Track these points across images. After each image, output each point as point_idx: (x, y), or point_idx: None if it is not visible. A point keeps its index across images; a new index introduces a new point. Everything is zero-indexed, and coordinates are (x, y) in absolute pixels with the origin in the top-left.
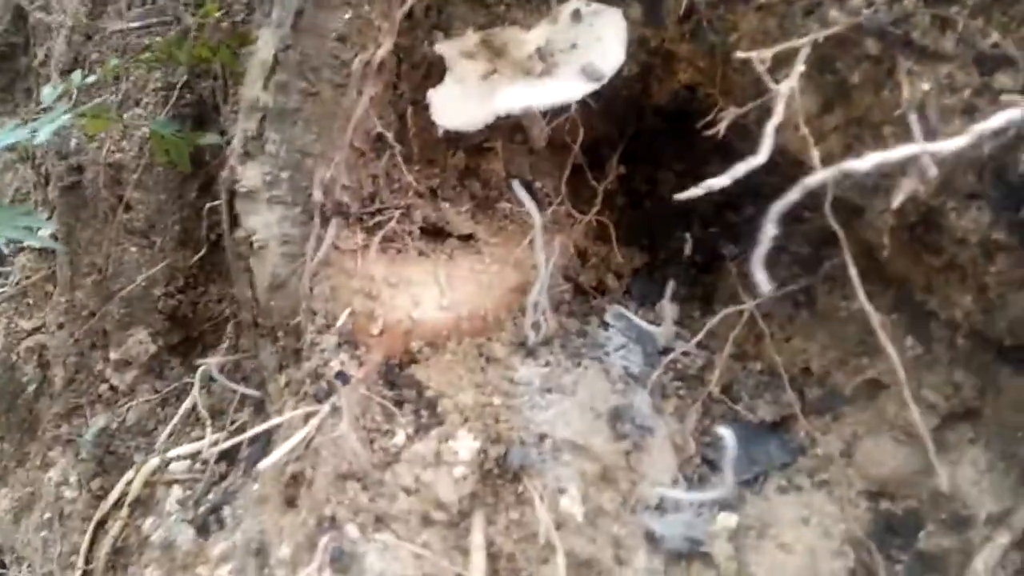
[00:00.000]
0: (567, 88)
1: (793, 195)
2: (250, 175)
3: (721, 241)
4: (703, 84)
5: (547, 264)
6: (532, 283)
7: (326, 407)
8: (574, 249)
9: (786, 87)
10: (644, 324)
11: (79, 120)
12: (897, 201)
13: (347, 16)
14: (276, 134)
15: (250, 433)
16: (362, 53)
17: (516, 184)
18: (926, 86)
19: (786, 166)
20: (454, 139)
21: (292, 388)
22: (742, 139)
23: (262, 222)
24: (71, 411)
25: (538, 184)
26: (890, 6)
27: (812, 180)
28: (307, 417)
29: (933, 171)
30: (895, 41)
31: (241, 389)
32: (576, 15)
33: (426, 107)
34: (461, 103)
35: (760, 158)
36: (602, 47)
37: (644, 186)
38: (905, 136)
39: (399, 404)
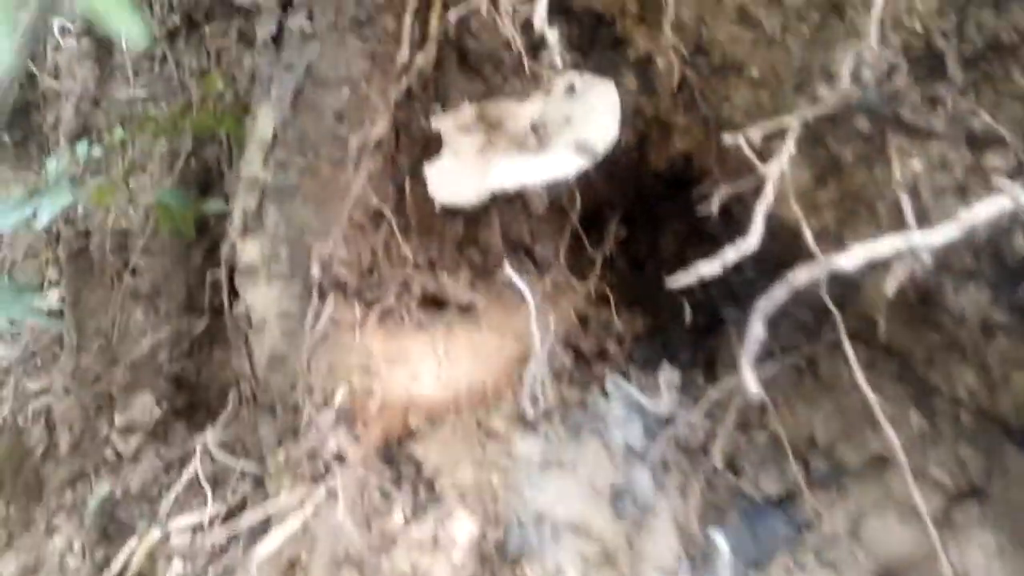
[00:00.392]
0: (560, 164)
1: (779, 293)
2: (250, 251)
3: (723, 304)
4: (698, 154)
5: (543, 343)
6: (531, 353)
7: (322, 490)
8: (574, 314)
9: (775, 169)
10: (641, 396)
11: (85, 191)
12: (891, 288)
13: (345, 94)
14: (275, 210)
15: (248, 516)
16: (359, 131)
17: (507, 267)
18: (917, 165)
19: (784, 234)
20: (452, 210)
21: (289, 467)
22: (740, 204)
23: (261, 297)
24: (76, 477)
25: (538, 248)
26: (880, 85)
27: (798, 279)
28: (303, 500)
29: (926, 258)
30: (886, 119)
31: (240, 465)
32: (571, 88)
33: (424, 179)
34: (457, 178)
35: (751, 243)
36: (595, 122)
37: (644, 249)
38: (898, 215)
39: (397, 482)
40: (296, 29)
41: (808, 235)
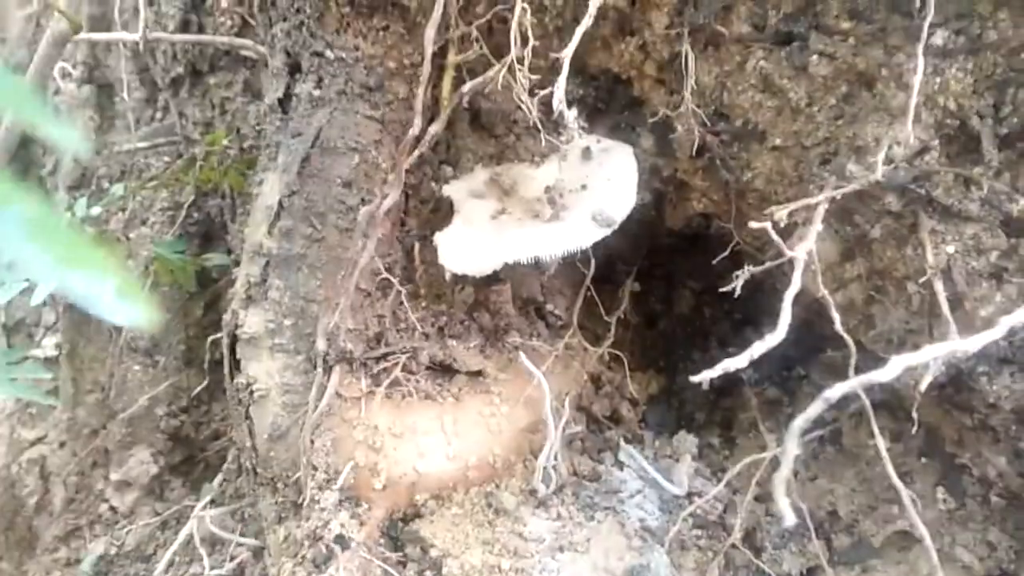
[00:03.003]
0: (577, 235)
1: (814, 409)
2: (252, 321)
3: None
4: (717, 216)
5: (558, 419)
6: (543, 422)
7: None
8: (587, 376)
9: (802, 251)
10: (658, 476)
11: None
12: (924, 385)
13: (354, 162)
14: (280, 280)
15: None
16: (368, 201)
17: (523, 357)
18: (951, 248)
19: (805, 299)
20: (462, 276)
21: (290, 549)
22: (754, 260)
23: (264, 370)
24: (70, 532)
25: (549, 307)
26: (911, 163)
27: (833, 393)
28: None
29: (962, 354)
30: (917, 199)
31: (238, 539)
32: (586, 152)
33: (433, 245)
34: (469, 247)
35: (779, 334)
36: (613, 190)
37: (659, 305)
38: (930, 295)
39: (403, 564)
40: (305, 95)
41: (836, 318)
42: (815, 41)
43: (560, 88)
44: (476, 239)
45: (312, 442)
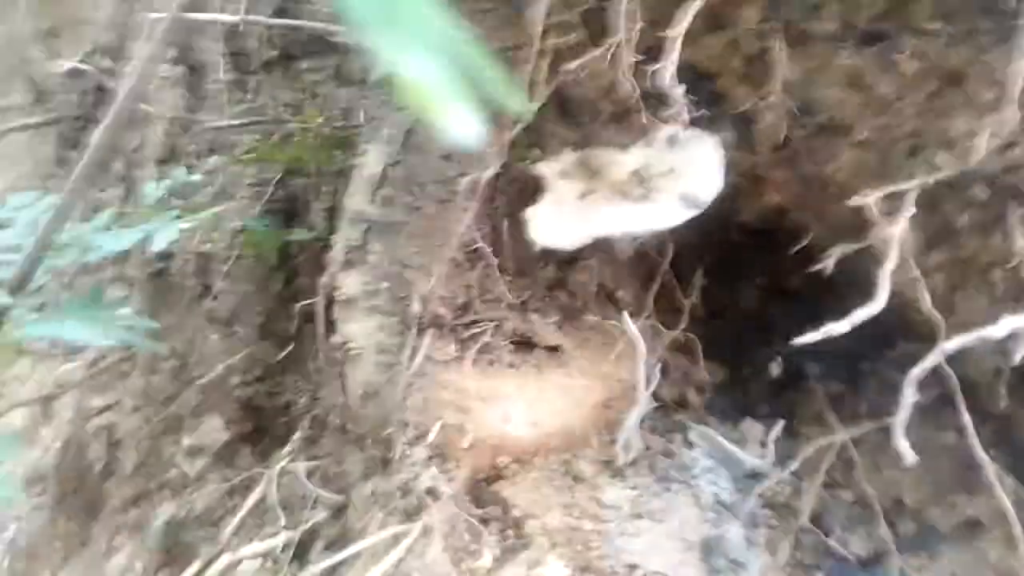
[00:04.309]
0: (666, 214)
1: (931, 360)
2: (350, 283)
3: (804, 359)
4: (794, 209)
5: (647, 389)
6: (617, 398)
7: (417, 527)
8: (656, 361)
9: (898, 230)
10: (731, 447)
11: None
12: (1018, 358)
13: None
14: (379, 245)
15: (335, 553)
16: (470, 172)
17: (626, 317)
18: None
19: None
20: (545, 253)
21: (379, 500)
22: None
23: (360, 330)
24: (139, 496)
25: (620, 293)
26: (1001, 154)
27: (950, 345)
28: (397, 537)
29: None
30: (1005, 189)
31: (323, 493)
32: (673, 139)
33: (521, 222)
34: (558, 222)
35: (878, 304)
36: (700, 174)
37: (725, 300)
38: (1014, 283)
39: (484, 522)
40: None
41: (927, 299)
42: (905, 40)
43: (671, 64)
44: (565, 215)
45: (405, 400)
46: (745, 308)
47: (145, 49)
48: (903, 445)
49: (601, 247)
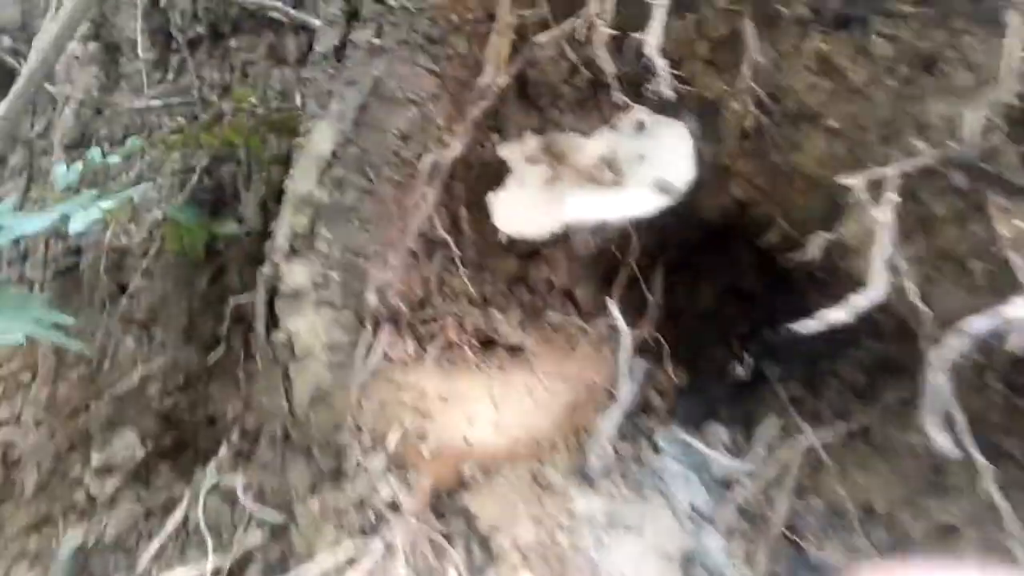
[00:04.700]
0: (639, 201)
1: (955, 343)
2: (297, 274)
3: (764, 361)
4: (759, 202)
5: (630, 390)
6: (583, 402)
7: (377, 545)
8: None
9: (885, 215)
10: (706, 450)
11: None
12: (1014, 345)
13: (412, 114)
14: (329, 232)
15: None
16: (430, 153)
17: (611, 302)
18: (1020, 224)
19: (838, 286)
20: (508, 244)
21: (330, 517)
22: (783, 255)
23: (307, 326)
24: (42, 521)
25: (579, 292)
26: (982, 139)
27: (975, 326)
28: (352, 558)
29: None
30: (984, 176)
31: (261, 510)
32: (640, 126)
33: (480, 209)
34: (525, 209)
35: (878, 291)
36: (672, 161)
37: (682, 300)
38: (994, 275)
39: (449, 538)
40: (363, 43)
41: (914, 289)
42: (877, 23)
43: (655, 35)
44: (532, 201)
45: (359, 404)
46: (700, 309)
47: (52, 27)
48: (936, 433)
49: (560, 242)
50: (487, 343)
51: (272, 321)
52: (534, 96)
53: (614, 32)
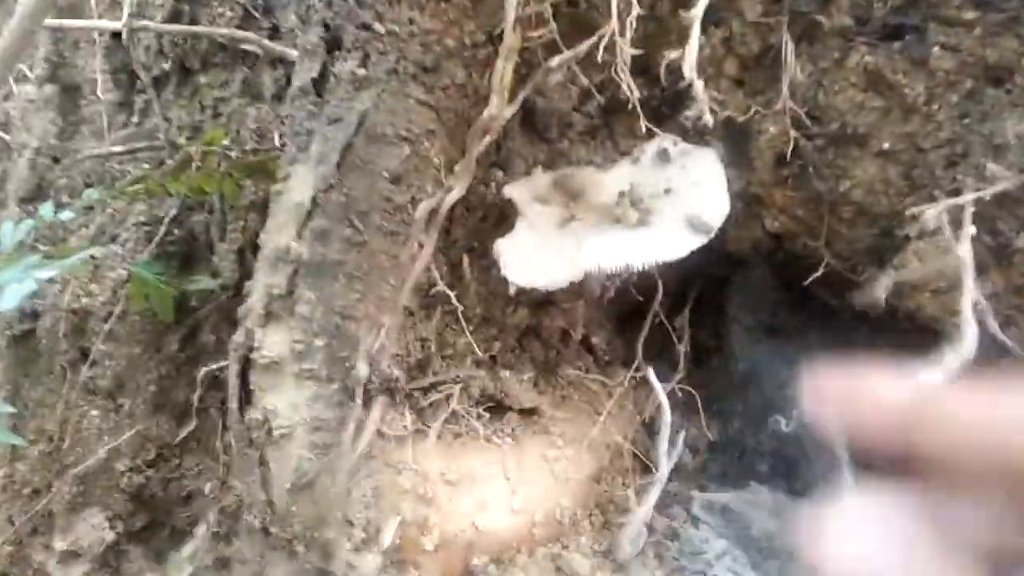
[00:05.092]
0: (670, 242)
1: None
2: (274, 342)
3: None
4: (797, 235)
5: (670, 461)
6: (608, 469)
7: None
8: (640, 419)
9: (965, 250)
10: (747, 511)
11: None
12: None
13: (405, 153)
14: (311, 292)
15: None
16: (424, 197)
17: (651, 372)
18: None
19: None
20: (515, 296)
21: None
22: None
23: (287, 402)
24: None
25: (595, 340)
26: None
27: None
28: None
29: None
30: None
31: None
32: (663, 155)
33: (485, 257)
34: (538, 256)
35: (968, 346)
36: (703, 194)
37: (709, 342)
38: None
39: None
40: (346, 74)
41: (995, 326)
42: (935, 32)
43: (692, 54)
44: (547, 246)
45: (349, 491)
46: (731, 351)
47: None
48: None
49: (573, 287)
50: (497, 408)
51: (246, 396)
52: (541, 127)
53: (638, 52)
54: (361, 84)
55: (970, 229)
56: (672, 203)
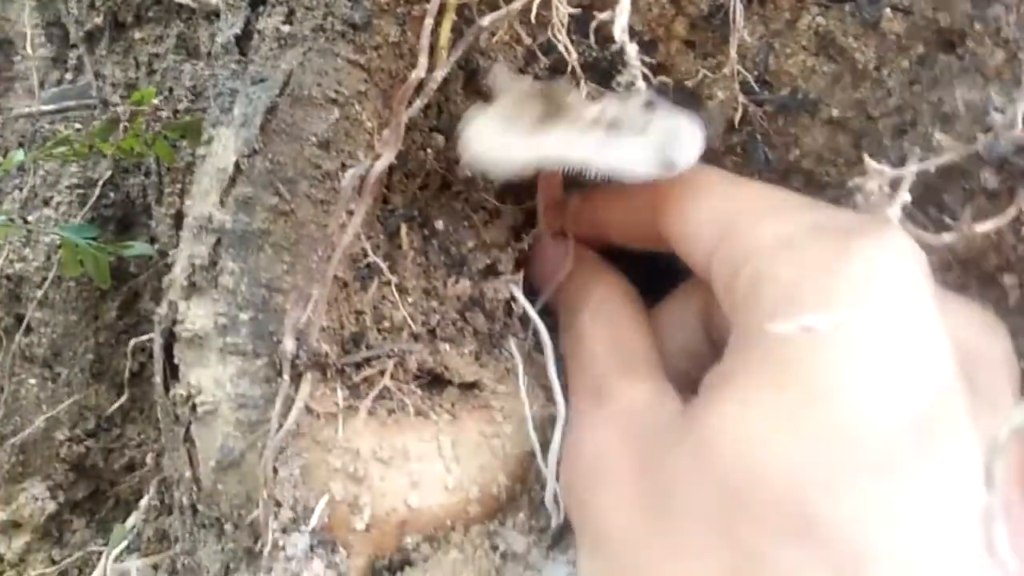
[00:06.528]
0: (635, 159)
1: None
2: (197, 315)
3: None
4: None
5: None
6: (551, 443)
7: None
8: None
9: (895, 213)
10: None
11: None
12: None
13: (333, 116)
14: (235, 263)
15: None
16: (349, 166)
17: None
18: None
19: None
20: (457, 261)
21: None
22: None
23: (212, 378)
24: None
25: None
26: (1011, 131)
27: None
28: None
29: None
30: (1018, 174)
31: None
32: (650, 104)
33: (424, 226)
34: (505, 137)
35: None
36: (678, 141)
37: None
38: None
39: None
40: (270, 31)
41: None
42: None
43: (623, 16)
44: (515, 131)
45: (275, 471)
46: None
47: None
48: None
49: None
50: (436, 382)
51: (171, 371)
52: (485, 88)
53: (575, 11)
54: (286, 42)
55: (905, 197)
56: (646, 135)
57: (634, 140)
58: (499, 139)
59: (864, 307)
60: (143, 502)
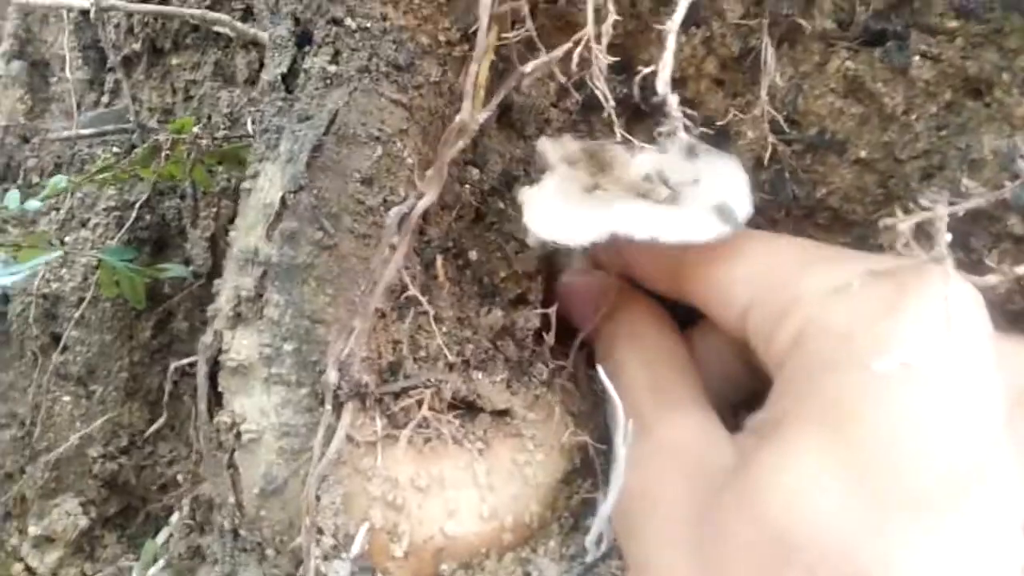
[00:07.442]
0: (700, 225)
1: None
2: (243, 345)
3: None
4: None
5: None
6: (580, 471)
7: None
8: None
9: (941, 255)
10: None
11: (8, 249)
12: None
13: (376, 154)
14: (280, 295)
15: None
16: (391, 202)
17: (600, 371)
18: None
19: None
20: (490, 291)
21: None
22: None
23: (256, 407)
24: None
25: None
26: None
27: None
28: None
29: None
30: None
31: None
32: (692, 150)
33: (458, 257)
34: (565, 211)
35: None
36: (730, 189)
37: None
38: None
39: None
40: (316, 71)
41: None
42: (916, 40)
43: (666, 71)
44: (574, 203)
45: (318, 498)
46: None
47: None
48: None
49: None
50: (469, 410)
51: (215, 399)
52: (518, 123)
53: (614, 59)
54: (332, 81)
55: (945, 240)
56: (701, 191)
57: (692, 201)
58: (561, 214)
59: (928, 350)
60: (174, 519)
